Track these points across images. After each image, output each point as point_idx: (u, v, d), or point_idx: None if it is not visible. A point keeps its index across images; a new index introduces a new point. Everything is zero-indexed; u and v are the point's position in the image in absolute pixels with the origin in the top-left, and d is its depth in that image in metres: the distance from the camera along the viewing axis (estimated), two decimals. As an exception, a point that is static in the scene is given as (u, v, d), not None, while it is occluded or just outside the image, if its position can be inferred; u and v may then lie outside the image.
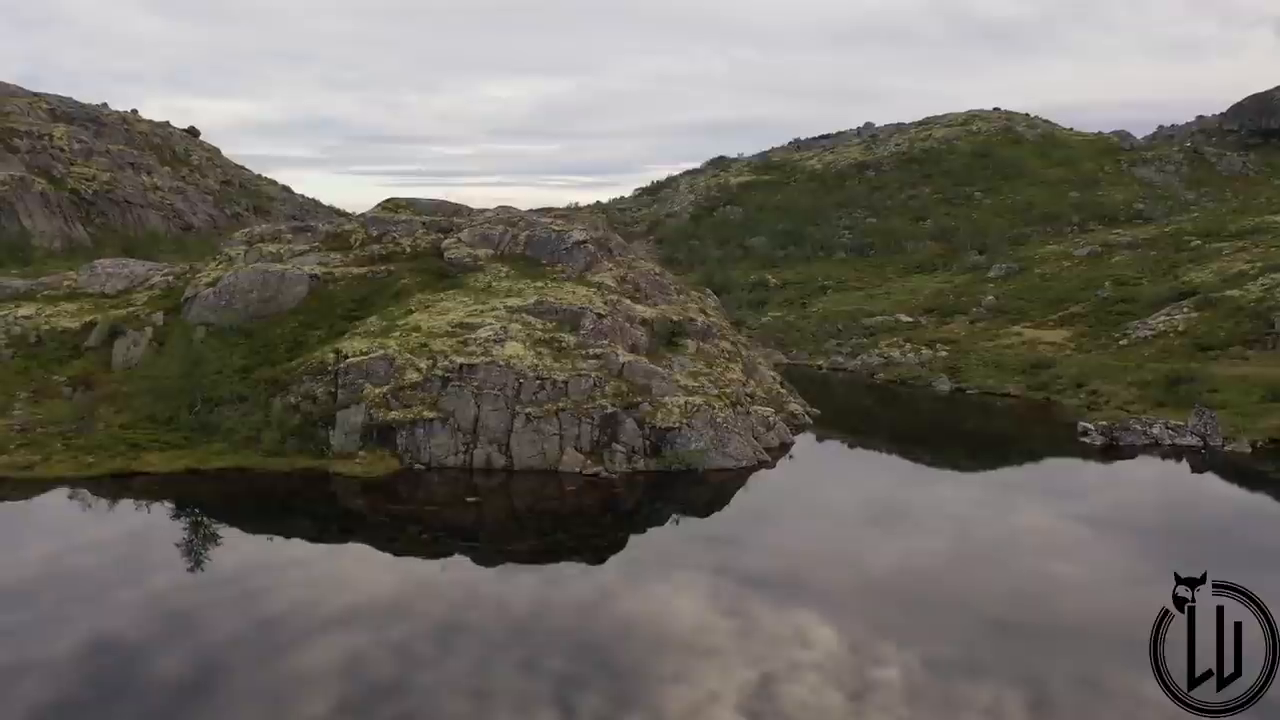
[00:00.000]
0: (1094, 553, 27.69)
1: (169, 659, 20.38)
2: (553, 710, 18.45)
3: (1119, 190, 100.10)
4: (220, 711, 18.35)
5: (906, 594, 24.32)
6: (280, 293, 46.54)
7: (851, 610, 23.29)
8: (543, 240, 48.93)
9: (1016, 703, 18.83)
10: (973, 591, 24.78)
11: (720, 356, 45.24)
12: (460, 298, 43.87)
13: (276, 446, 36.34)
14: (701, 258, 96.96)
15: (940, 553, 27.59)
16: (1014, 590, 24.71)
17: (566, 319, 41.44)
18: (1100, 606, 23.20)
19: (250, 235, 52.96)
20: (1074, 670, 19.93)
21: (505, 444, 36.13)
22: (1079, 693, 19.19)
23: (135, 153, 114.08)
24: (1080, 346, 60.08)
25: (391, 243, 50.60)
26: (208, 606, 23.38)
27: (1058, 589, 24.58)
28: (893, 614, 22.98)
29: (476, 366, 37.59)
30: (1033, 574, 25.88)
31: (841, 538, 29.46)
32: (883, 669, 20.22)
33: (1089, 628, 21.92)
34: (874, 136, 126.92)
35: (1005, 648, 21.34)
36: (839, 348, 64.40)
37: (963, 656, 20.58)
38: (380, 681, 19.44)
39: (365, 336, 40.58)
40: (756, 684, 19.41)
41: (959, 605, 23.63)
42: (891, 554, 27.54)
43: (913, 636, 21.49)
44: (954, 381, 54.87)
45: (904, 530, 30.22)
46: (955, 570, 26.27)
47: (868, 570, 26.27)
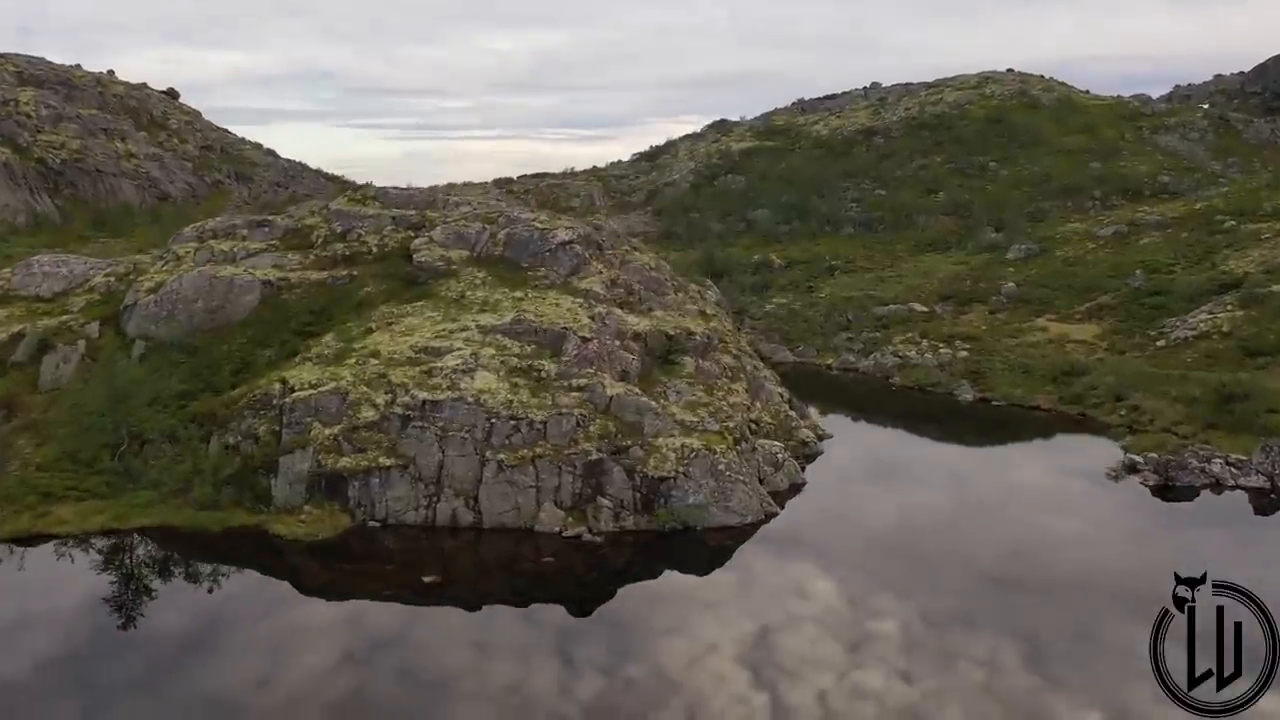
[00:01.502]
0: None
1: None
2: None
3: (1142, 160, 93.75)
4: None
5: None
6: (229, 302, 41.04)
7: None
8: (524, 240, 43.24)
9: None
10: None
11: (722, 376, 39.82)
12: (428, 312, 38.35)
13: (210, 498, 31.09)
14: (701, 233, 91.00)
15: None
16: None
17: (547, 341, 35.96)
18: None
19: (202, 230, 47.25)
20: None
21: (474, 496, 30.90)
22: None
23: (109, 117, 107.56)
24: (1113, 346, 54.60)
25: (357, 241, 44.91)
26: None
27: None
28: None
29: (442, 403, 32.23)
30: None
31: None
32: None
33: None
34: (882, 100, 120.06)
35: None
36: (849, 344, 58.89)
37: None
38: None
39: (317, 363, 35.15)
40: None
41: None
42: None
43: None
44: (977, 389, 49.50)
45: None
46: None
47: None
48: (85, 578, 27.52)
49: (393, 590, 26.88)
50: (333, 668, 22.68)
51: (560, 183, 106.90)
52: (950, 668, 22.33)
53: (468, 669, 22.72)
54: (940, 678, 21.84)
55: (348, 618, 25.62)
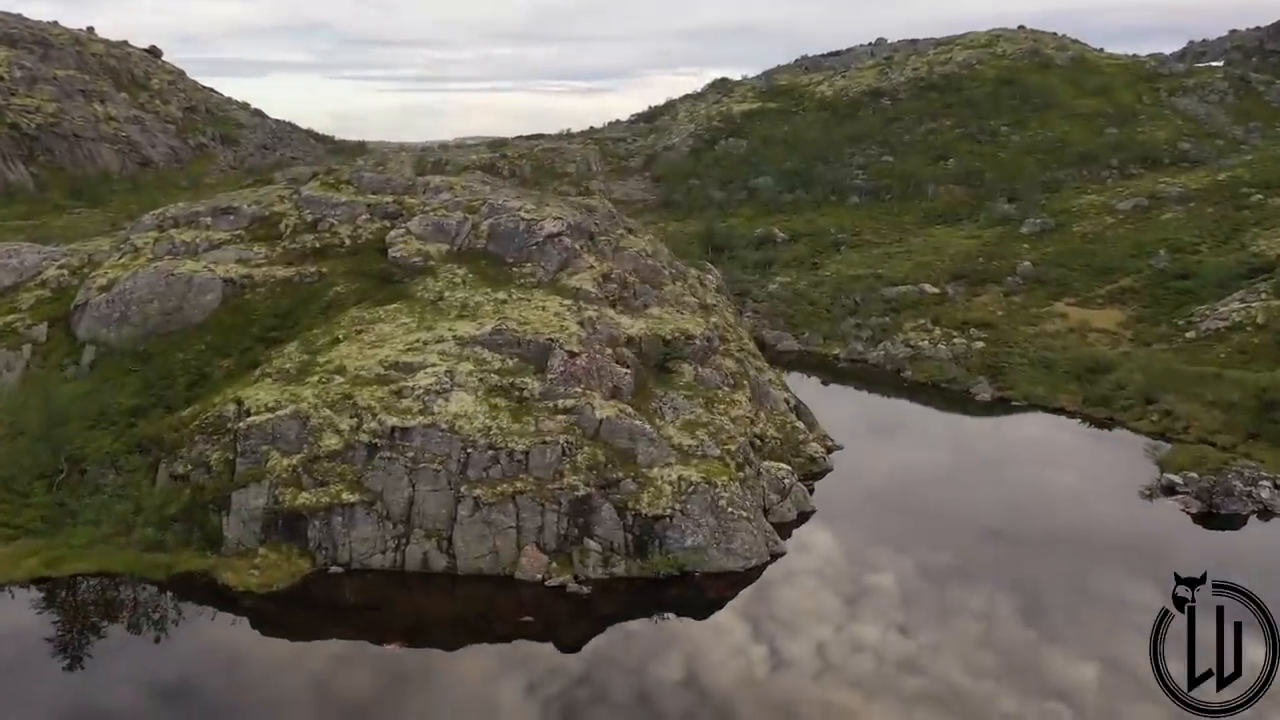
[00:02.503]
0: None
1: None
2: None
3: (1160, 125, 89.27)
4: None
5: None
6: (187, 303, 37.37)
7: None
8: (509, 232, 39.41)
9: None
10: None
11: (723, 384, 36.26)
12: (402, 317, 34.67)
13: (155, 539, 27.72)
14: (702, 201, 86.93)
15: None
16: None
17: (531, 354, 32.34)
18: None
19: (163, 218, 43.36)
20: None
21: (447, 538, 27.53)
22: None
23: (87, 78, 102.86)
24: (1138, 336, 50.98)
25: (328, 232, 41.11)
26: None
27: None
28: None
29: (413, 430, 28.72)
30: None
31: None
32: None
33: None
34: (889, 58, 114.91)
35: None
36: (858, 331, 55.22)
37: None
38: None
39: (277, 379, 31.55)
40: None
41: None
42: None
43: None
44: (995, 386, 46.00)
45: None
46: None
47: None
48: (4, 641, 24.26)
49: (351, 659, 23.56)
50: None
51: (556, 146, 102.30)
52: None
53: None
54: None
55: (296, 696, 22.37)
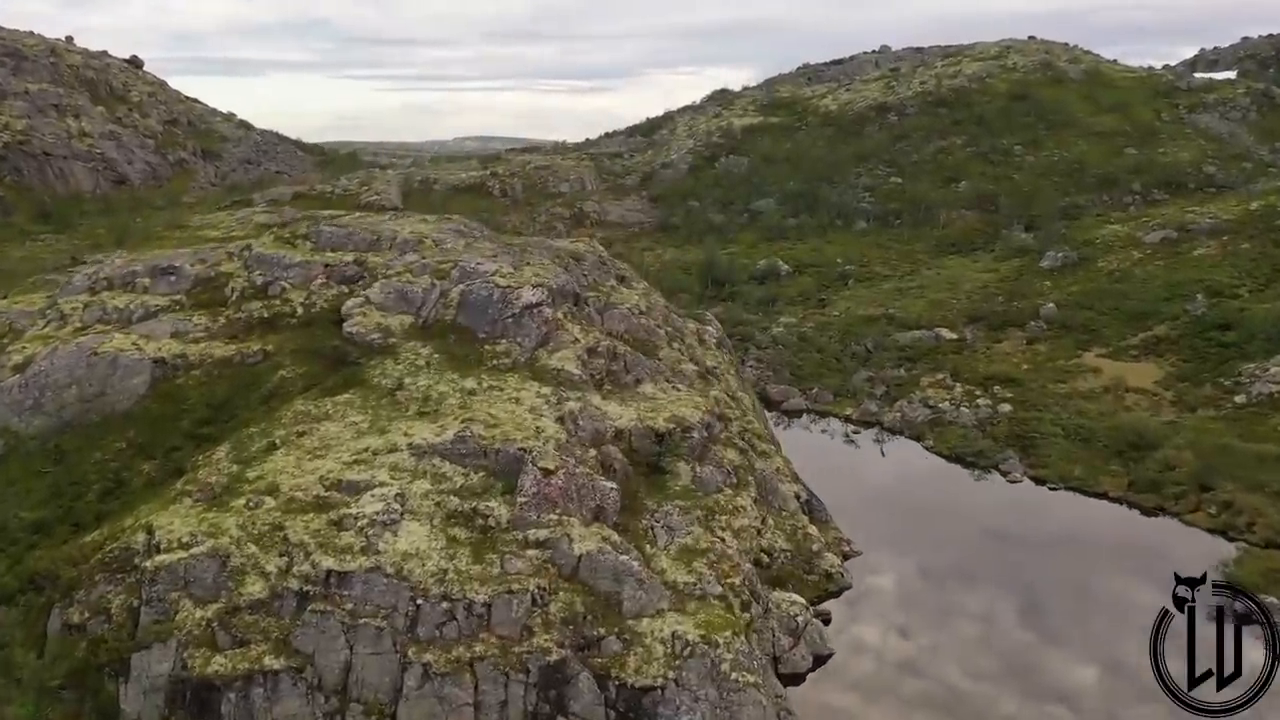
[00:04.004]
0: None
1: None
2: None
3: (1182, 146, 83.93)
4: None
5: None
6: (111, 388, 32.15)
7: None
8: (481, 301, 34.12)
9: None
10: None
11: (725, 484, 31.05)
12: (352, 415, 29.41)
13: (34, 717, 22.57)
14: (701, 225, 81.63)
15: None
16: None
17: (499, 467, 27.09)
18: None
19: (95, 279, 38.09)
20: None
21: (391, 714, 22.33)
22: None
23: (61, 91, 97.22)
24: (1181, 399, 45.71)
25: (279, 299, 35.83)
26: None
27: None
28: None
29: (352, 576, 23.51)
30: None
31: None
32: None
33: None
34: (894, 69, 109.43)
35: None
36: (870, 386, 49.99)
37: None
38: None
39: (198, 501, 26.27)
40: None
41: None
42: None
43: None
44: (1027, 463, 40.81)
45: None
46: None
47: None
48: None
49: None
50: None
51: (549, 163, 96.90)
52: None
53: None
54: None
55: None
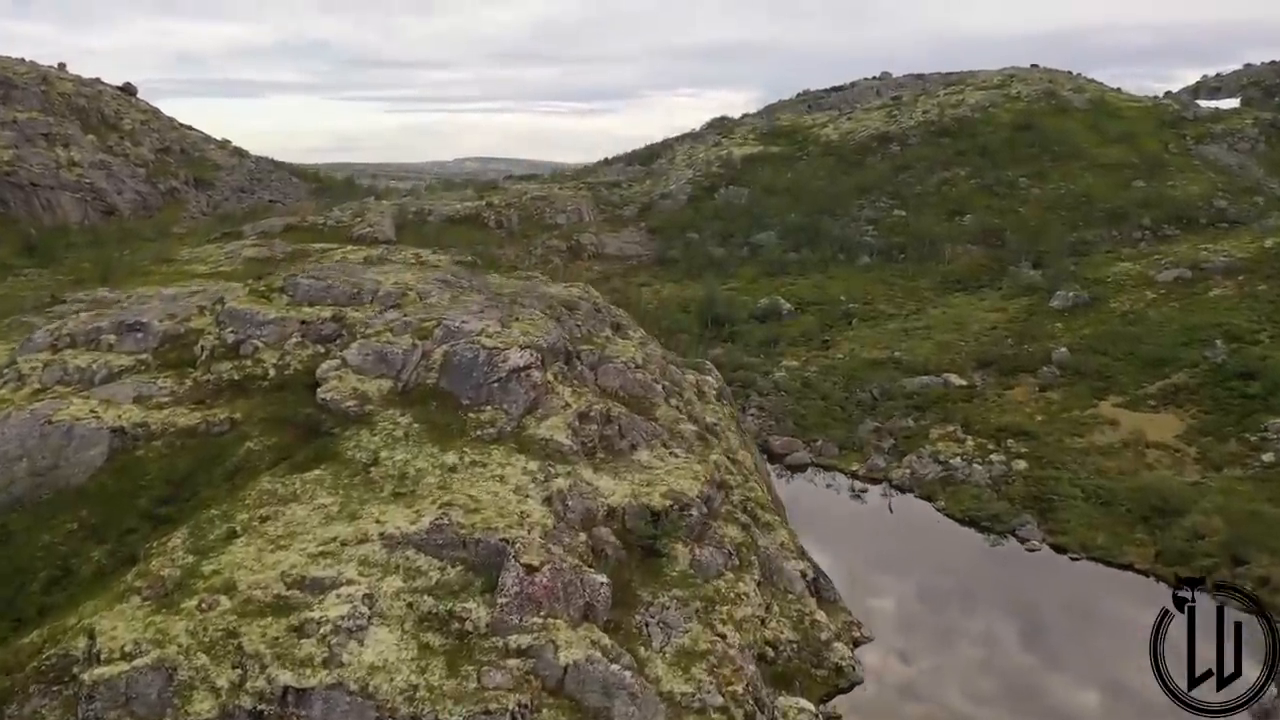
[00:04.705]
0: None
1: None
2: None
3: (1191, 179, 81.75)
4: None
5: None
6: (65, 460, 29.67)
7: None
8: (466, 364, 31.69)
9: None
10: None
11: (726, 567, 28.51)
12: (322, 496, 26.91)
13: None
14: (700, 259, 79.38)
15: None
16: None
17: (480, 560, 24.56)
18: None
19: (58, 335, 35.70)
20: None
21: None
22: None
23: (50, 120, 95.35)
24: (1205, 455, 43.21)
25: (251, 359, 33.39)
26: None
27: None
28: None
29: (312, 694, 20.96)
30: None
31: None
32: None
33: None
34: (896, 98, 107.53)
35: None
36: (878, 439, 47.55)
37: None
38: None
39: (147, 599, 23.73)
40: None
41: None
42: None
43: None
44: (1045, 528, 38.32)
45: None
46: None
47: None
48: None
49: None
50: None
51: (546, 194, 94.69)
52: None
53: None
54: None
55: None
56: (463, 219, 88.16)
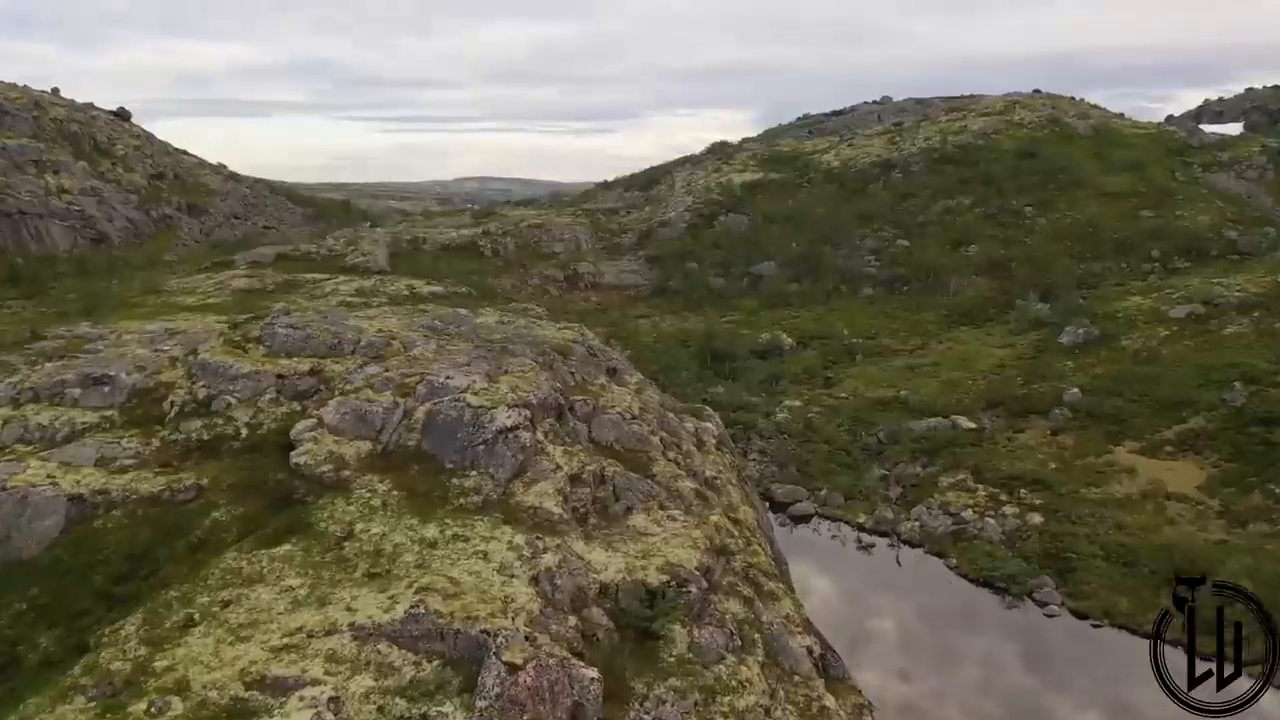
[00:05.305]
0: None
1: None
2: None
3: (1199, 209, 79.95)
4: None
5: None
6: (18, 530, 27.42)
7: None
8: (450, 424, 29.59)
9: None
10: None
11: (727, 650, 26.27)
12: (290, 577, 24.72)
13: None
14: (700, 289, 77.50)
15: None
16: None
17: (458, 655, 22.34)
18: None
19: (20, 389, 33.58)
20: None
21: None
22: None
23: (42, 146, 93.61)
24: (1228, 509, 41.10)
25: (222, 417, 31.30)
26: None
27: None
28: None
29: (266, 817, 18.75)
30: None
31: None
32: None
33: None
34: (898, 124, 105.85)
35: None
36: (885, 487, 45.42)
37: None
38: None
39: (92, 702, 21.52)
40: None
41: None
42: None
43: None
44: (1065, 592, 36.13)
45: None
46: None
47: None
48: None
49: None
50: None
51: (543, 221, 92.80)
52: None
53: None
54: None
55: None
56: (458, 247, 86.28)
